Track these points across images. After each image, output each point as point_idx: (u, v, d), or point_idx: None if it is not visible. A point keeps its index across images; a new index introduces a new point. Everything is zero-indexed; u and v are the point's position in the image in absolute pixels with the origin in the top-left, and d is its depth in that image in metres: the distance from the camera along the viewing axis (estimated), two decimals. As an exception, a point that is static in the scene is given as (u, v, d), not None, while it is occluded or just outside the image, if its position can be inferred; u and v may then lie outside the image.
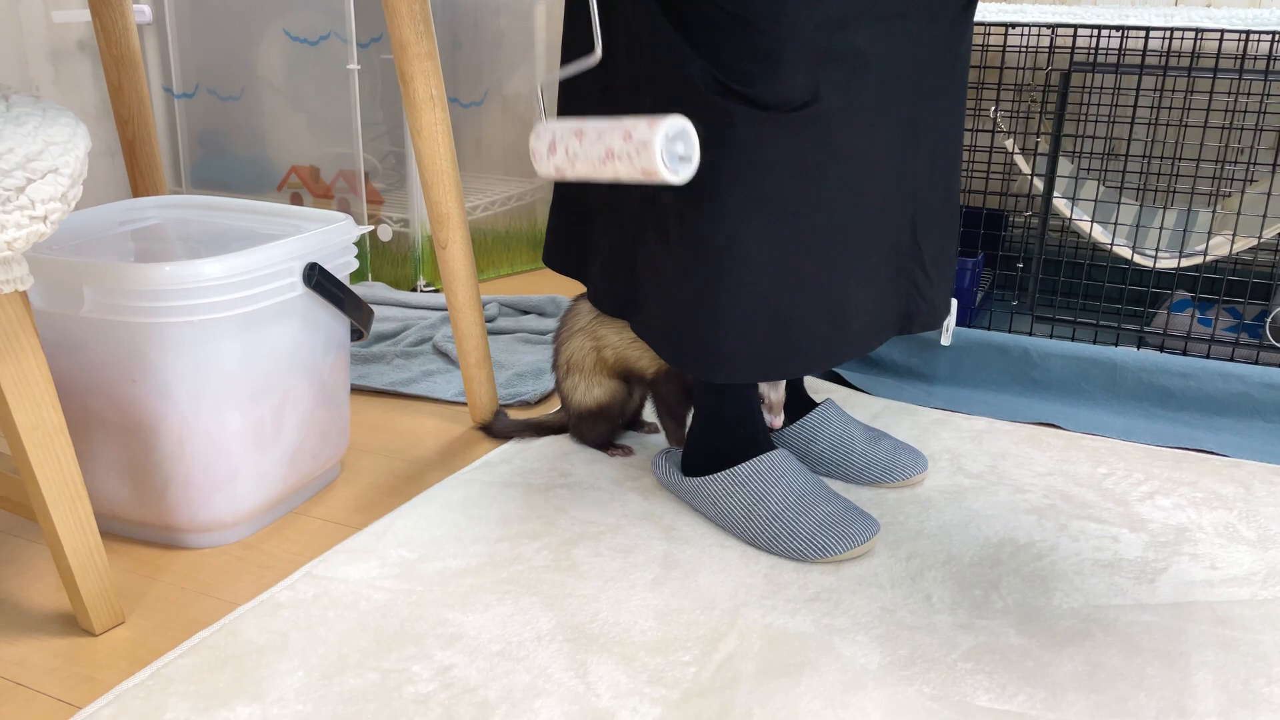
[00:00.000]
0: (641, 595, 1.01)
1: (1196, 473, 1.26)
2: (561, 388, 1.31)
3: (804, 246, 1.01)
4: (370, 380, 1.54)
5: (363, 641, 0.93)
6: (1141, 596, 1.01)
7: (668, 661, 0.91)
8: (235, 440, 1.08)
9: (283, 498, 1.16)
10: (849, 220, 1.03)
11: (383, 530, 1.12)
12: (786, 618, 0.97)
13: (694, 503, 1.17)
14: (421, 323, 1.76)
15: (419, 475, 1.27)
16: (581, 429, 1.33)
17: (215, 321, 1.03)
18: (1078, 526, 1.14)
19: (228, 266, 1.01)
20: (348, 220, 1.17)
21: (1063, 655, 0.92)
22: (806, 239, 1.01)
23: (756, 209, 0.99)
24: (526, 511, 1.17)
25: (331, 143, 2.00)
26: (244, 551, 1.10)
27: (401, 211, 1.98)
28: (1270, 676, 0.89)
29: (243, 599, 1.01)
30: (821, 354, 1.08)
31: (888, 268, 1.09)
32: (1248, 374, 1.37)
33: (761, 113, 0.96)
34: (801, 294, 1.03)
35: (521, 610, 0.98)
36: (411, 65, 1.20)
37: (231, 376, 1.06)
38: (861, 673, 0.89)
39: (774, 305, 1.02)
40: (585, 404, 1.29)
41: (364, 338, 1.23)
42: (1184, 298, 1.62)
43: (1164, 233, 1.58)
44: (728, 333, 1.03)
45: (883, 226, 1.07)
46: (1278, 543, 1.11)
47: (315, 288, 1.10)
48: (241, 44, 2.05)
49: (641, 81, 1.02)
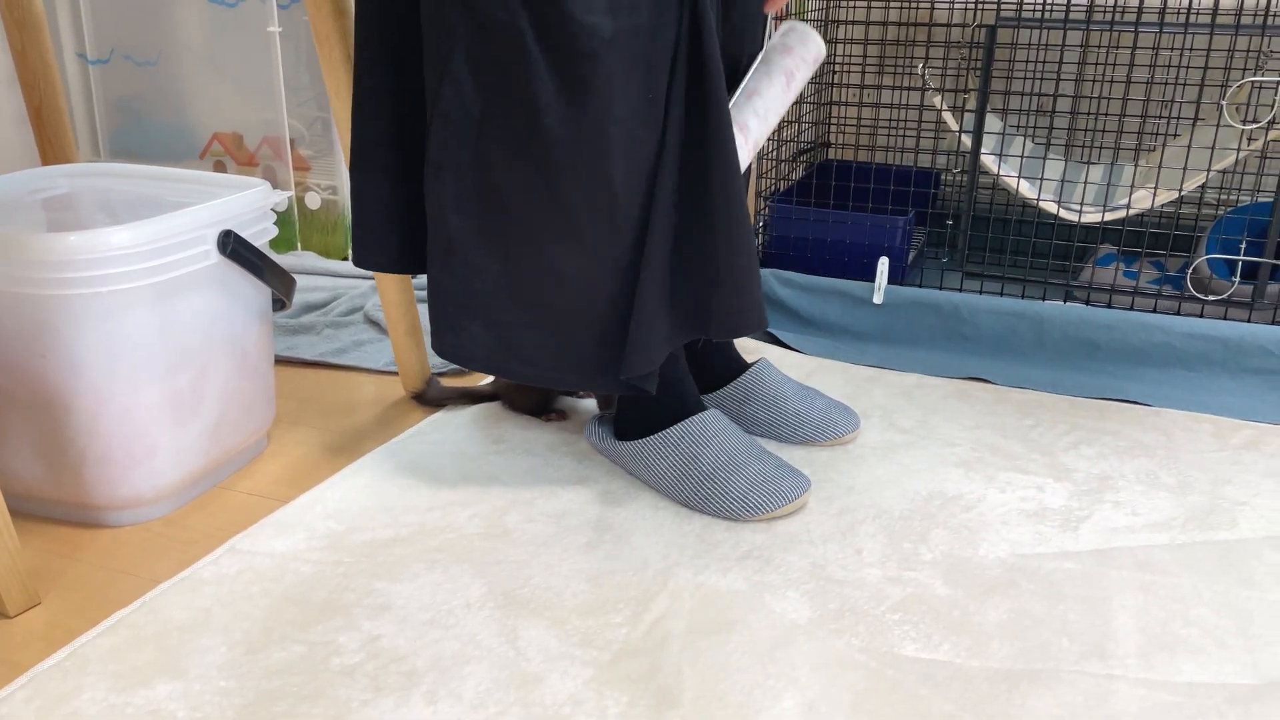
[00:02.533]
0: (574, 559, 1.00)
1: (1120, 422, 1.29)
2: None
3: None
4: (299, 351, 1.51)
5: (288, 615, 0.92)
6: (1065, 544, 1.03)
7: (599, 624, 0.90)
8: (153, 414, 1.05)
9: (206, 472, 1.13)
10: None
11: (310, 502, 1.10)
12: (718, 576, 0.98)
13: (627, 466, 1.16)
14: (352, 292, 1.73)
15: (349, 446, 1.25)
16: (513, 396, 1.31)
17: (126, 292, 0.99)
18: (1005, 478, 1.16)
19: (136, 235, 0.98)
20: (264, 186, 1.14)
21: (988, 604, 0.94)
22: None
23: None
24: (458, 480, 1.15)
25: (255, 109, 1.95)
26: (166, 528, 1.07)
27: (330, 179, 1.93)
28: (1188, 618, 0.92)
29: (164, 576, 0.98)
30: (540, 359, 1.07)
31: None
32: (1170, 324, 1.40)
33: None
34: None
35: (452, 578, 0.97)
36: (327, 23, 1.16)
37: (146, 348, 1.02)
38: (791, 628, 0.90)
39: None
40: None
41: (286, 307, 1.20)
42: (1109, 252, 1.64)
43: (1089, 187, 1.60)
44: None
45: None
46: (1196, 488, 1.14)
47: (231, 255, 1.07)
48: (157, 7, 1.97)
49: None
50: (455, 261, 1.03)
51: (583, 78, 0.93)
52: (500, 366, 1.07)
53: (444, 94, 0.98)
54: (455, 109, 0.98)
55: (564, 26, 0.91)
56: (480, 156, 0.98)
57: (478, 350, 1.06)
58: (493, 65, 0.95)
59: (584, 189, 0.97)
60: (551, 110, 0.95)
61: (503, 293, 1.03)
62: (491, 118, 0.97)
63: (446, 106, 0.98)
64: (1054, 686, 0.83)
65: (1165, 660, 0.86)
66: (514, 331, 1.04)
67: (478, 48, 0.95)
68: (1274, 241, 1.44)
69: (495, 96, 0.97)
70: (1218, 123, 1.44)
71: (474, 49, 0.96)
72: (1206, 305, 1.46)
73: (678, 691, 0.82)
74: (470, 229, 1.01)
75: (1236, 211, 1.57)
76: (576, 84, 0.94)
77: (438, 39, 0.97)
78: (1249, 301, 1.45)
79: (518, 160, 0.98)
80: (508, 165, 0.98)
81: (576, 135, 0.95)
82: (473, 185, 1.00)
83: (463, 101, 0.97)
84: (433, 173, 1.01)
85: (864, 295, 1.54)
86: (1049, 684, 0.83)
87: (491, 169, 0.99)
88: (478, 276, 1.03)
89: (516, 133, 0.97)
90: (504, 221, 1.01)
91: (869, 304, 1.54)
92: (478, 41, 0.95)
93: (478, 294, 1.04)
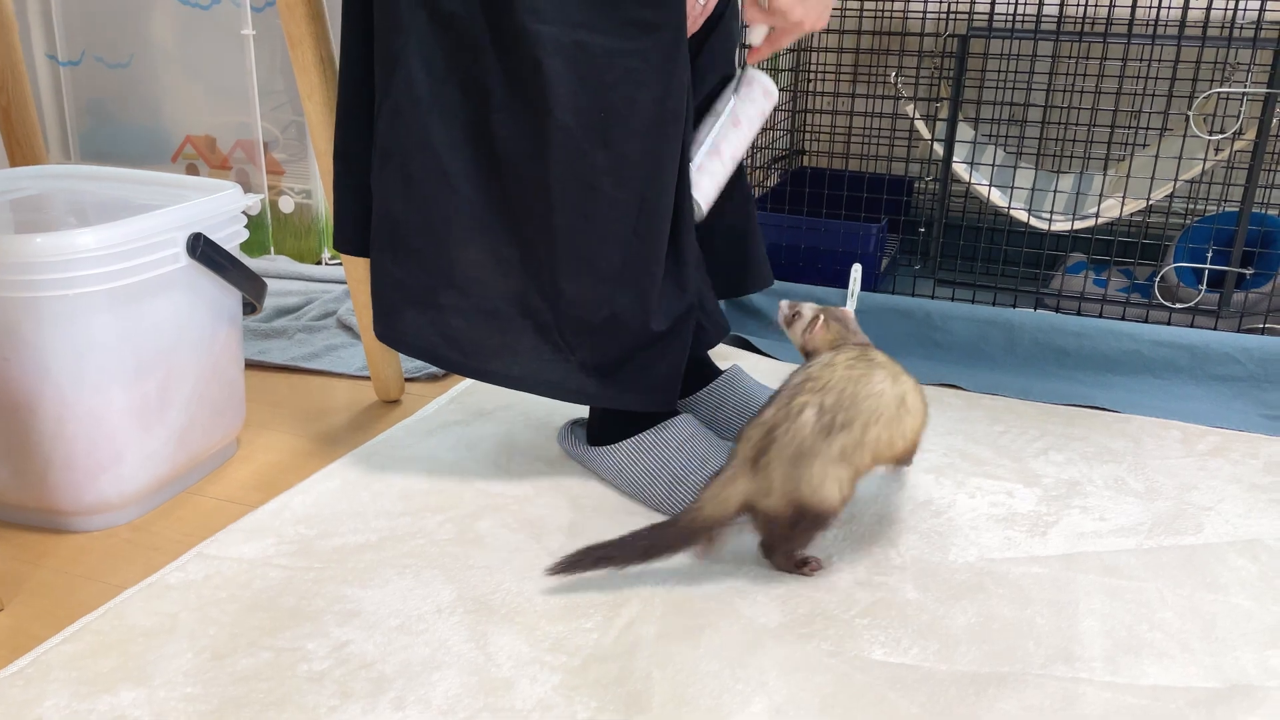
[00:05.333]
0: (546, 564, 1.00)
1: (1088, 428, 1.30)
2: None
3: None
4: (271, 356, 1.50)
5: (256, 621, 0.91)
6: (1034, 549, 1.04)
7: (569, 629, 0.90)
8: (119, 418, 1.04)
9: (174, 477, 1.12)
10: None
11: (280, 508, 1.09)
12: (689, 581, 0.98)
13: (600, 471, 1.16)
14: (325, 296, 1.72)
15: (321, 451, 1.24)
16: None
17: (93, 295, 0.98)
18: (975, 483, 1.17)
19: (103, 237, 0.97)
20: (235, 189, 1.13)
21: (956, 608, 0.94)
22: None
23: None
24: (431, 485, 1.15)
25: (228, 112, 1.93)
26: (132, 534, 1.06)
27: (304, 182, 1.92)
28: (1153, 622, 0.93)
29: (130, 582, 0.97)
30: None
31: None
32: (1138, 332, 1.42)
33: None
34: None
35: (422, 584, 0.96)
36: (299, 26, 1.16)
37: (113, 352, 1.01)
38: (761, 632, 0.90)
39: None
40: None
41: (257, 311, 1.19)
42: (1079, 260, 1.66)
43: (1059, 196, 1.62)
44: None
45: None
46: (1163, 494, 1.15)
47: (200, 259, 1.06)
48: (129, 9, 1.96)
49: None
50: (397, 247, 1.05)
51: (530, 81, 0.95)
52: (437, 354, 1.08)
53: (395, 85, 1.00)
54: (406, 99, 1.00)
55: (515, 32, 0.94)
56: (428, 145, 1.00)
57: (415, 337, 1.07)
58: (446, 60, 0.98)
59: (523, 187, 0.99)
60: (501, 107, 0.97)
61: (443, 280, 1.04)
62: (441, 108, 0.99)
63: (398, 97, 1.00)
64: (1021, 690, 0.84)
65: (1131, 664, 0.87)
66: (451, 319, 1.05)
67: (432, 42, 0.98)
68: (1239, 250, 1.46)
69: (446, 89, 0.99)
70: (1184, 133, 1.46)
71: (428, 43, 0.98)
72: (1174, 313, 1.47)
73: (647, 696, 0.82)
74: (414, 215, 1.03)
75: (1203, 221, 1.59)
76: (523, 86, 0.96)
77: (391, 33, 1.00)
78: (1215, 310, 1.47)
79: (465, 150, 1.00)
80: (454, 154, 1.00)
81: (520, 135, 0.97)
82: (418, 172, 1.02)
83: (414, 93, 0.99)
84: (380, 160, 1.03)
85: (838, 301, 1.54)
86: (1016, 687, 0.84)
87: (438, 157, 1.00)
88: (418, 263, 1.04)
89: (465, 124, 0.99)
90: (448, 208, 1.02)
91: (842, 309, 1.54)
92: (433, 36, 0.97)
93: (418, 280, 1.05)
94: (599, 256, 1.02)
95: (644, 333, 1.06)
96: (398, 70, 0.99)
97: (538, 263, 1.03)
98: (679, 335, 1.09)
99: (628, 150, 0.99)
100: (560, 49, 0.94)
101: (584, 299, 1.04)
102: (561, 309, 1.04)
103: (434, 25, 0.97)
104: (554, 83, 0.95)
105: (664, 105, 0.99)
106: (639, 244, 1.03)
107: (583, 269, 1.02)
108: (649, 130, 0.99)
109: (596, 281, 1.03)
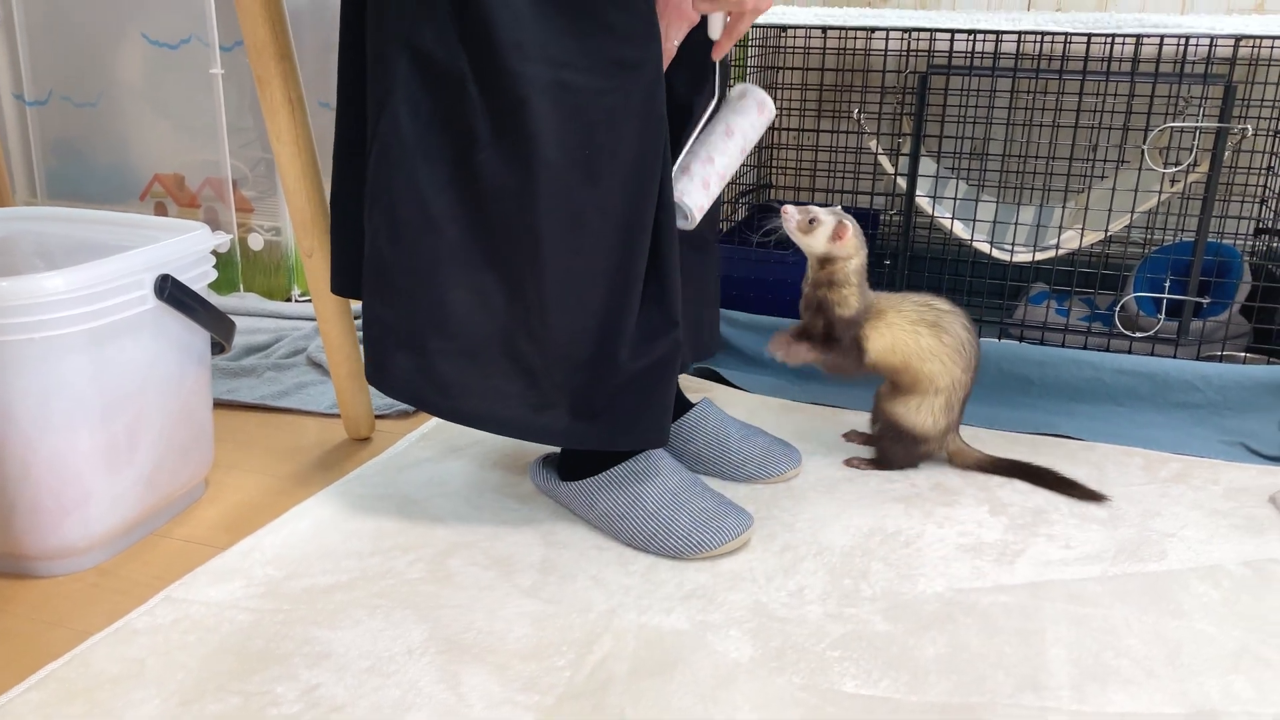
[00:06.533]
0: (517, 602, 1.00)
1: (1054, 456, 1.32)
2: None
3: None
4: (240, 394, 1.49)
5: (225, 665, 0.90)
6: (1001, 578, 1.05)
7: (542, 667, 0.90)
8: (86, 461, 1.03)
9: (141, 519, 1.11)
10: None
11: (249, 549, 1.09)
12: (662, 616, 0.98)
13: (572, 506, 1.17)
14: (295, 334, 1.72)
15: (290, 491, 1.23)
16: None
17: (60, 338, 0.98)
18: (943, 513, 1.18)
19: (70, 280, 0.97)
20: (203, 229, 1.13)
21: (926, 639, 0.95)
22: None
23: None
24: (402, 523, 1.15)
25: (197, 150, 1.94)
26: (99, 578, 1.05)
27: (273, 220, 1.92)
28: (1119, 649, 0.94)
29: (97, 628, 0.96)
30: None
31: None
32: (1100, 361, 1.44)
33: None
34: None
35: (393, 624, 0.96)
36: (268, 68, 1.17)
37: (80, 394, 1.01)
38: (733, 667, 0.90)
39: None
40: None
41: (226, 351, 1.19)
42: (1042, 290, 1.69)
43: (1020, 228, 1.65)
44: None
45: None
46: (1127, 520, 1.17)
47: (168, 300, 1.06)
48: (97, 48, 1.96)
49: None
50: (385, 289, 1.05)
51: (514, 121, 0.96)
52: (425, 400, 1.08)
53: (382, 128, 1.00)
54: (392, 142, 1.00)
55: (498, 72, 0.95)
56: (413, 187, 1.01)
57: (404, 382, 1.07)
58: (432, 102, 0.98)
59: (510, 225, 1.00)
60: (486, 147, 0.98)
61: (429, 323, 1.04)
62: (427, 150, 1.00)
63: (385, 139, 1.00)
64: (990, 720, 0.84)
65: (1097, 691, 0.88)
66: (438, 363, 1.05)
67: (418, 85, 0.98)
68: (1196, 279, 1.49)
69: (432, 131, 0.99)
70: (1140, 166, 1.49)
71: (414, 86, 0.98)
72: (1134, 342, 1.50)
73: (620, 734, 0.82)
74: (401, 257, 1.03)
75: (1161, 251, 1.63)
76: (508, 126, 0.96)
77: (379, 76, 1.00)
78: (1174, 338, 1.50)
79: (451, 191, 1.00)
80: (440, 195, 1.01)
81: (506, 174, 0.98)
82: (404, 214, 1.02)
83: (400, 135, 1.00)
84: (370, 203, 1.04)
85: (805, 334, 1.56)
86: (985, 717, 0.85)
87: (424, 199, 1.01)
88: (406, 305, 1.04)
89: (451, 165, 1.00)
90: (434, 250, 1.02)
91: (811, 342, 1.56)
92: (418, 79, 0.98)
93: (406, 323, 1.05)
94: (587, 292, 1.02)
95: (631, 368, 1.06)
96: (384, 113, 1.00)
97: (525, 302, 1.02)
98: (667, 368, 1.09)
99: (613, 186, 1.00)
100: (544, 88, 0.95)
101: (570, 337, 1.03)
102: (549, 349, 1.03)
103: (417, 68, 0.98)
104: (539, 121, 0.96)
105: (644, 142, 1.00)
106: (623, 280, 1.04)
107: (570, 307, 1.02)
108: (633, 165, 1.01)
109: (583, 317, 1.03)
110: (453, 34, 0.95)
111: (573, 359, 1.04)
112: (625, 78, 0.98)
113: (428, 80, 0.98)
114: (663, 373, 1.08)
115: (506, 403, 1.06)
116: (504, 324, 1.04)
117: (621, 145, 0.99)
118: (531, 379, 1.05)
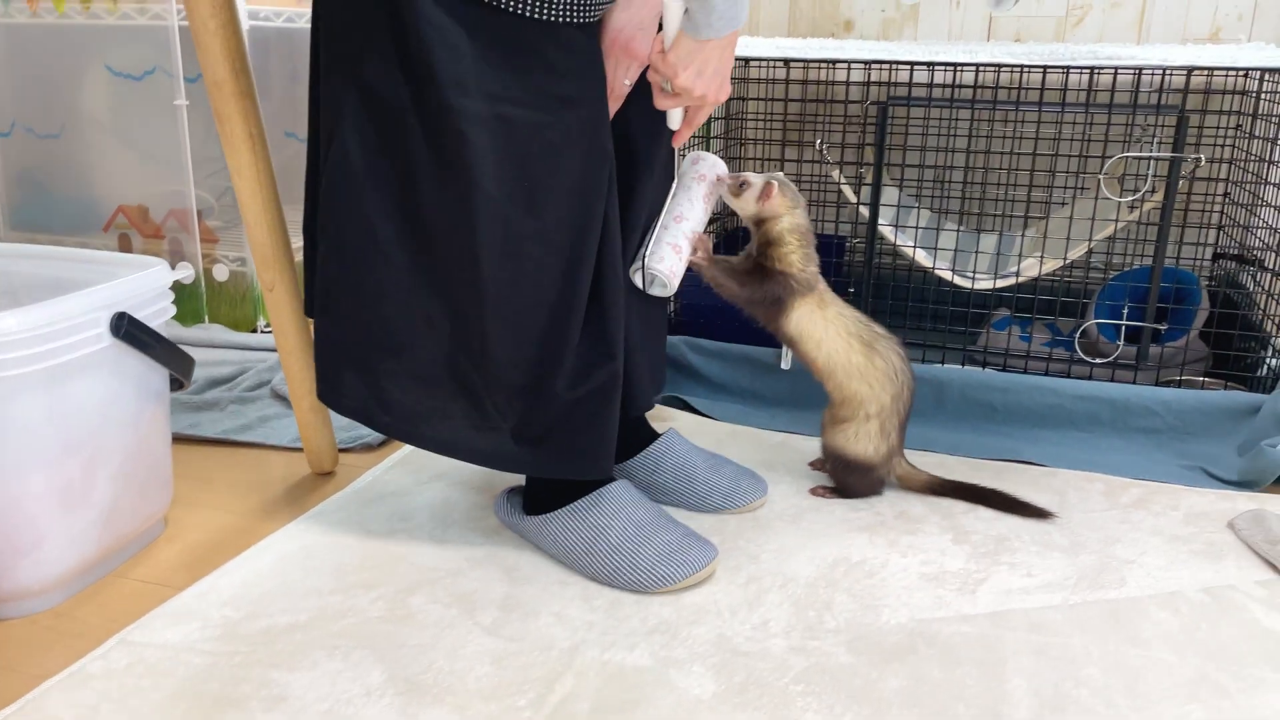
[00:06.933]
0: (479, 640, 0.99)
1: (1016, 483, 1.33)
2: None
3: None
4: (203, 429, 1.48)
5: (180, 710, 0.89)
6: (963, 608, 1.05)
7: (502, 707, 0.89)
8: (41, 502, 1.01)
9: (98, 560, 1.10)
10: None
11: (206, 589, 1.07)
12: (624, 653, 0.97)
13: (536, 541, 1.16)
14: (260, 365, 1.70)
15: (250, 528, 1.22)
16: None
17: (15, 378, 0.97)
18: (907, 541, 1.19)
19: (25, 320, 0.96)
20: (161, 266, 1.12)
21: (888, 671, 0.95)
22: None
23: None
24: (363, 560, 1.14)
25: (162, 181, 1.92)
26: (54, 620, 1.03)
27: (238, 250, 1.91)
28: (1079, 679, 0.94)
29: (51, 672, 0.94)
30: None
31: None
32: (1061, 387, 1.46)
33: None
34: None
35: (352, 665, 0.95)
36: (228, 104, 1.17)
37: (35, 434, 1.00)
38: (695, 704, 0.90)
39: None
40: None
41: (185, 387, 1.18)
42: (1005, 315, 1.71)
43: (981, 256, 1.67)
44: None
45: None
46: (1088, 547, 1.18)
47: (124, 338, 1.05)
48: (60, 80, 1.95)
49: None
50: (335, 310, 1.09)
51: (454, 153, 0.98)
52: (371, 417, 1.11)
53: (332, 158, 1.03)
54: (341, 173, 1.03)
55: (438, 106, 0.96)
56: (361, 216, 1.03)
57: (351, 399, 1.10)
58: (377, 134, 1.01)
59: (453, 254, 1.02)
60: (428, 178, 1.00)
61: (377, 345, 1.07)
62: (374, 180, 1.02)
63: (334, 170, 1.03)
64: (951, 753, 0.84)
65: (1057, 722, 0.88)
66: (385, 383, 1.08)
67: (364, 118, 1.01)
68: (1154, 305, 1.51)
69: (378, 162, 1.02)
70: (1097, 195, 1.52)
71: (361, 119, 1.01)
72: (1095, 368, 1.52)
73: (580, 775, 0.81)
74: (350, 281, 1.06)
75: (1119, 277, 1.65)
76: (448, 159, 0.98)
77: (329, 108, 1.04)
78: (1134, 363, 1.52)
79: (397, 219, 1.03)
80: (386, 223, 1.03)
81: (447, 205, 1.00)
82: (352, 241, 1.05)
83: (349, 166, 1.02)
84: (321, 229, 1.07)
85: (772, 361, 1.57)
86: (946, 751, 0.85)
87: (371, 226, 1.03)
88: (355, 327, 1.08)
89: (396, 195, 1.03)
90: (381, 275, 1.05)
91: (777, 370, 1.57)
92: (364, 113, 1.01)
93: (355, 343, 1.08)
94: (526, 320, 1.05)
95: (569, 398, 1.07)
96: (334, 145, 1.03)
97: (467, 328, 1.05)
98: (607, 401, 1.10)
99: (554, 217, 1.02)
100: (483, 122, 0.97)
101: (511, 362, 1.06)
102: (490, 372, 1.06)
103: (364, 102, 1.00)
104: (478, 155, 0.97)
105: (586, 175, 1.02)
106: (564, 309, 1.05)
107: (510, 333, 1.04)
108: (574, 197, 1.02)
109: (523, 344, 1.05)
110: (396, 69, 0.97)
111: (512, 385, 1.07)
112: (565, 112, 0.99)
113: (374, 113, 1.00)
114: (601, 403, 1.09)
115: (451, 424, 1.09)
116: (449, 349, 1.06)
117: (562, 178, 1.01)
118: (476, 401, 1.08)
